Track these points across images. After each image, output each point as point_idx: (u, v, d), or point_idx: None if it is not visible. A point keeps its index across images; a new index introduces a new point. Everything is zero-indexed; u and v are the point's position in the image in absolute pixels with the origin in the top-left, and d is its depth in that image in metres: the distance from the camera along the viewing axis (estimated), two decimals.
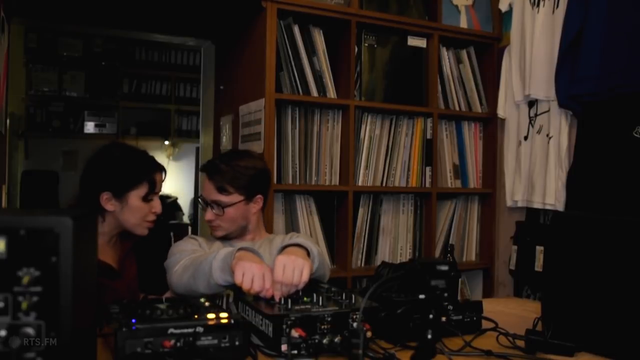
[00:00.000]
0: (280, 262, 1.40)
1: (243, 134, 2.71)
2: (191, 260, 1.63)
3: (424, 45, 2.87)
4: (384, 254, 2.82)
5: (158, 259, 1.84)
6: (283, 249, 1.57)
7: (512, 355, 1.27)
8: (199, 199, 1.92)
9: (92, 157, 1.83)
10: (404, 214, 2.89)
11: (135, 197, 1.77)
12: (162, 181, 1.85)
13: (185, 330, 1.11)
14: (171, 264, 1.72)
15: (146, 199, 1.78)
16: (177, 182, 5.90)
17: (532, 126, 2.68)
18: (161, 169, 1.85)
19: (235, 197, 1.83)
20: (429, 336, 1.19)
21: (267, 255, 1.81)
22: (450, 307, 1.42)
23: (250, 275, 1.38)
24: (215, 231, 1.88)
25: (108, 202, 1.76)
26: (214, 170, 1.84)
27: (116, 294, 1.68)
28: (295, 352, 1.19)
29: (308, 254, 1.56)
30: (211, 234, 1.92)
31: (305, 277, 1.40)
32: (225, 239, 1.89)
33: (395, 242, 2.86)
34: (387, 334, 1.32)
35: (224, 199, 1.82)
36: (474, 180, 3.05)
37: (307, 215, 2.66)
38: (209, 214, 1.84)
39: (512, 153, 2.82)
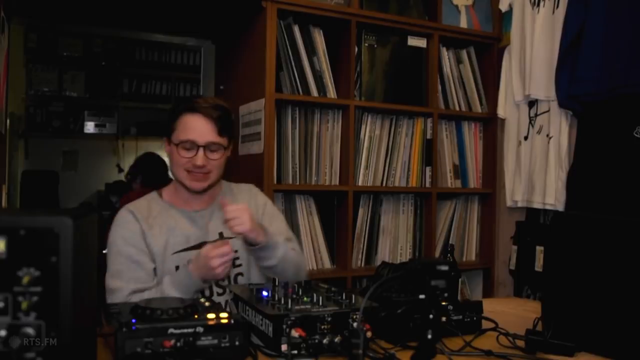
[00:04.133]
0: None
1: (243, 134, 2.71)
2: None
3: (424, 45, 2.87)
4: (384, 254, 2.82)
5: None
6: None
7: (512, 355, 1.27)
8: (185, 142, 1.64)
9: None
10: (404, 214, 2.89)
11: None
12: None
13: (185, 330, 1.11)
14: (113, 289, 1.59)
15: None
16: None
17: (532, 126, 2.68)
18: None
19: (227, 142, 1.70)
20: (429, 336, 1.19)
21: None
22: (450, 307, 1.42)
23: (220, 262, 1.49)
24: (200, 181, 1.67)
25: None
26: (213, 110, 1.65)
27: None
28: (295, 352, 1.19)
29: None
30: (189, 185, 1.68)
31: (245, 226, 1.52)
32: (200, 192, 1.71)
33: (395, 242, 2.86)
34: (387, 334, 1.32)
35: (224, 142, 1.67)
36: (474, 180, 3.05)
37: (307, 215, 2.66)
38: (202, 159, 1.63)
39: (512, 153, 2.81)
